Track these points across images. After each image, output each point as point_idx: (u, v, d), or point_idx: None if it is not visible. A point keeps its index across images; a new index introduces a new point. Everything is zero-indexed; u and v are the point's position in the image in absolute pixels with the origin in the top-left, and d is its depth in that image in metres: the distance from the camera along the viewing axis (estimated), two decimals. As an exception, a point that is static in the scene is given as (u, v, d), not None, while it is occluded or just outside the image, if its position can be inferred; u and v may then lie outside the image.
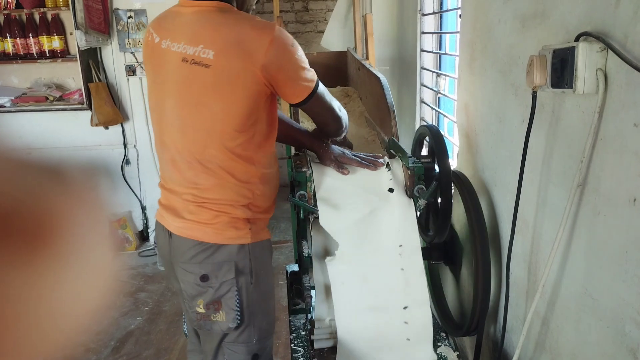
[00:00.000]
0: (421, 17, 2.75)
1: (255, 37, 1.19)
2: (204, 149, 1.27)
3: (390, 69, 3.27)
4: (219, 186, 1.29)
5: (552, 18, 1.21)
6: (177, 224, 1.34)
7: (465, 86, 1.91)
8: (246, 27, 1.21)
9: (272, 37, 1.19)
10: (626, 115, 0.96)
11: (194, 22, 1.26)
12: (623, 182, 0.97)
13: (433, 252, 1.84)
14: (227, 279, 1.31)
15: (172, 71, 1.27)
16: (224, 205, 1.30)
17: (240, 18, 1.25)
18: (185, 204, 1.32)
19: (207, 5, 1.26)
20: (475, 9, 1.76)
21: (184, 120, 1.29)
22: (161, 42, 1.30)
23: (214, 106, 1.24)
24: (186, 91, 1.26)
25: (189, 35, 1.24)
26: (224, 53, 1.20)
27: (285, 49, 1.22)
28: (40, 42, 3.52)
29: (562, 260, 1.23)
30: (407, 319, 1.45)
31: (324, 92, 1.36)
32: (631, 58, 0.92)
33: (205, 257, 1.31)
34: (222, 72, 1.20)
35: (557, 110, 1.22)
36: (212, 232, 1.30)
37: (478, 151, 1.79)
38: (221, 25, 1.23)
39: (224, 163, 1.27)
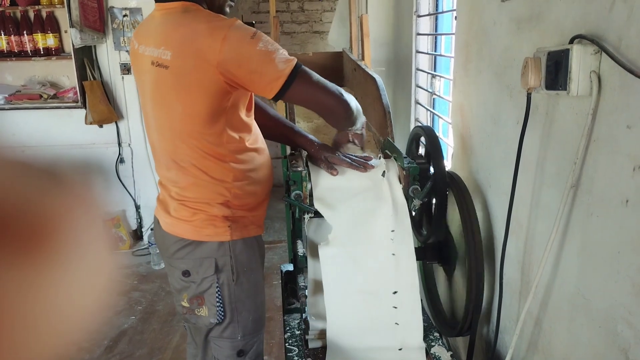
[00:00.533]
0: (417, 19, 2.76)
1: (209, 34, 1.17)
2: (176, 148, 1.30)
3: (386, 69, 3.28)
4: (194, 185, 1.32)
5: (547, 21, 1.22)
6: (166, 220, 1.39)
7: (460, 87, 1.92)
8: (202, 26, 1.19)
9: (225, 34, 1.16)
10: (619, 117, 0.97)
11: (161, 24, 1.28)
12: (616, 184, 0.98)
13: (427, 252, 1.85)
14: (208, 275, 1.35)
15: (146, 74, 1.30)
16: (201, 204, 1.33)
17: (199, 16, 1.23)
18: (171, 200, 1.37)
19: (173, 7, 1.27)
20: (471, 10, 1.77)
21: (158, 121, 1.32)
22: (139, 47, 1.33)
23: (177, 106, 1.25)
24: (156, 93, 1.28)
25: (155, 38, 1.26)
26: (180, 53, 1.20)
27: (242, 43, 1.17)
28: (34, 39, 3.50)
29: (555, 261, 1.23)
30: (396, 304, 1.45)
31: (310, 77, 1.26)
32: (625, 61, 0.93)
33: (186, 253, 1.35)
34: (179, 72, 1.20)
35: (551, 112, 1.23)
36: (191, 230, 1.34)
37: (472, 152, 1.80)
38: (180, 25, 1.23)
39: (196, 161, 1.29)
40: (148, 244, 3.66)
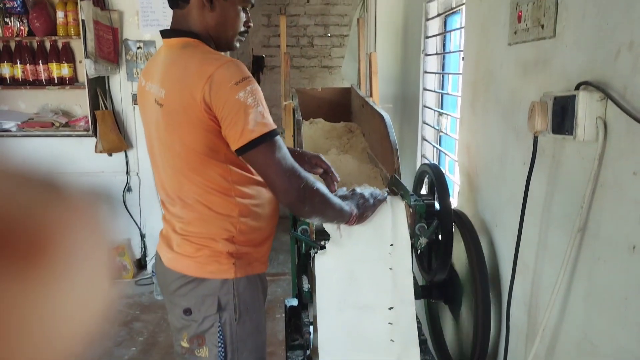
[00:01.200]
0: (424, 57, 2.81)
1: (197, 72, 1.15)
2: (180, 185, 1.28)
3: (393, 106, 3.33)
4: (199, 220, 1.29)
5: (554, 66, 1.24)
6: (168, 255, 1.36)
7: (467, 126, 1.94)
8: (194, 63, 1.18)
9: (212, 72, 1.13)
10: (625, 163, 0.98)
11: (163, 61, 1.28)
12: (622, 229, 0.99)
13: (433, 290, 1.84)
14: (210, 313, 1.31)
15: (151, 112, 1.30)
16: (206, 239, 1.30)
17: (195, 53, 1.22)
18: (175, 235, 1.34)
19: (174, 43, 1.28)
20: (478, 52, 1.80)
21: (162, 160, 1.31)
22: (145, 84, 1.33)
23: (175, 144, 1.24)
24: (158, 131, 1.28)
25: (157, 76, 1.27)
26: (172, 91, 1.20)
27: (224, 86, 1.13)
28: (49, 69, 3.58)
29: (562, 304, 1.23)
30: (392, 320, 1.42)
31: (274, 151, 1.15)
32: (630, 108, 0.94)
33: (188, 290, 1.31)
34: (172, 111, 1.20)
35: (558, 155, 1.24)
36: (195, 266, 1.30)
37: (479, 191, 1.81)
38: (175, 62, 1.23)
39: (200, 197, 1.27)
40: (152, 273, 3.64)
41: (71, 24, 3.51)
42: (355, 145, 2.45)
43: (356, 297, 1.43)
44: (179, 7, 1.29)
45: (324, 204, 1.24)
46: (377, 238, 1.45)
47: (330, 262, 1.42)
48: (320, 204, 1.23)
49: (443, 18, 2.60)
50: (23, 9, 3.49)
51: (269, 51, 5.41)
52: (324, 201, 1.24)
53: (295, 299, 1.89)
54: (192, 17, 1.28)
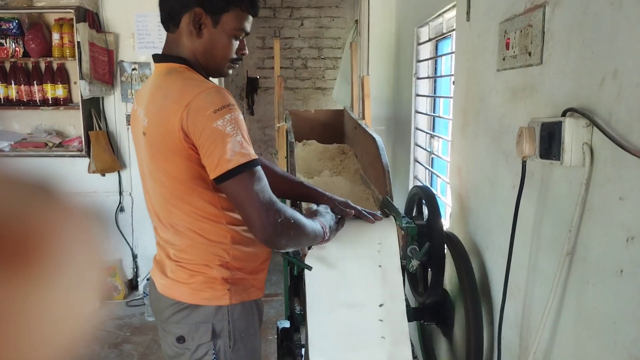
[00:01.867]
0: (416, 81, 2.86)
1: (177, 99, 1.13)
2: (169, 213, 1.26)
3: (386, 128, 3.36)
4: (191, 247, 1.27)
5: (541, 92, 1.27)
6: (162, 282, 1.33)
7: (458, 149, 1.97)
8: (175, 90, 1.16)
9: (190, 100, 1.11)
10: (612, 188, 1.00)
11: (149, 87, 1.27)
12: (610, 253, 1.00)
13: (425, 312, 1.84)
14: (204, 341, 1.27)
15: (138, 138, 1.29)
16: (199, 265, 1.27)
17: (178, 80, 1.19)
18: (169, 261, 1.31)
19: (162, 68, 1.27)
20: (468, 77, 1.84)
21: (151, 188, 1.30)
22: (137, 109, 1.32)
23: (159, 174, 1.23)
24: (145, 159, 1.27)
25: (144, 102, 1.26)
26: (153, 119, 1.19)
27: (202, 113, 1.10)
28: (44, 89, 3.60)
29: (553, 327, 1.23)
30: (382, 317, 1.41)
31: (252, 183, 1.11)
32: (615, 135, 0.97)
33: (182, 317, 1.28)
34: (153, 140, 1.19)
35: (546, 179, 1.26)
36: (189, 292, 1.27)
37: (470, 213, 1.83)
38: (158, 89, 1.21)
39: (191, 225, 1.25)
40: (143, 295, 3.62)
41: (67, 45, 3.54)
42: (347, 166, 2.47)
43: (346, 295, 1.42)
44: (170, 31, 1.29)
45: (298, 235, 1.21)
46: (365, 237, 1.47)
47: (319, 261, 1.42)
48: (296, 235, 1.20)
49: (434, 43, 2.65)
50: (19, 30, 3.53)
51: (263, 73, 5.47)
52: (298, 232, 1.20)
53: (287, 320, 1.88)
54: (181, 42, 1.27)
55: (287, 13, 5.44)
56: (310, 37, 5.47)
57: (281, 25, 5.44)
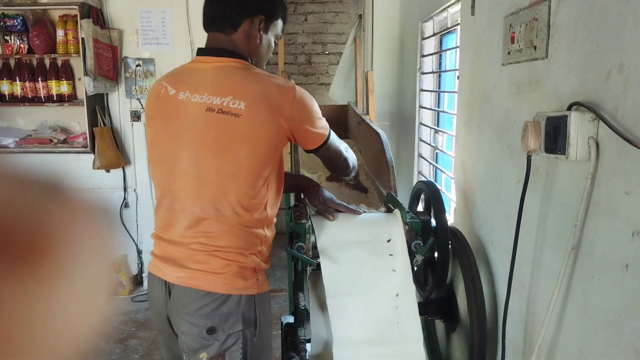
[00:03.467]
0: (420, 75, 2.85)
1: (281, 93, 1.32)
2: (224, 194, 1.31)
3: (390, 123, 3.35)
4: (230, 233, 1.31)
5: (546, 86, 1.27)
6: (179, 274, 1.32)
7: (463, 144, 1.96)
8: (272, 84, 1.33)
9: (295, 94, 1.33)
10: (618, 183, 0.99)
11: (217, 75, 1.34)
12: (616, 248, 1.00)
13: (429, 307, 1.84)
14: (234, 331, 1.30)
15: (192, 120, 1.32)
16: (234, 254, 1.31)
17: (265, 75, 1.36)
18: (191, 253, 1.31)
19: (229, 62, 1.36)
20: (473, 72, 1.83)
21: (203, 167, 1.31)
22: (178, 94, 1.35)
23: (240, 152, 1.30)
24: (209, 138, 1.31)
25: (213, 87, 1.32)
26: (255, 105, 1.29)
27: (306, 103, 1.36)
28: (48, 86, 3.60)
29: (558, 322, 1.23)
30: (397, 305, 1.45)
31: (334, 138, 1.47)
32: (621, 129, 0.96)
33: (212, 308, 1.29)
34: (253, 122, 1.29)
35: (551, 174, 1.25)
36: (220, 282, 1.30)
37: (475, 209, 1.82)
38: (249, 80, 1.33)
39: (239, 209, 1.31)
40: (148, 290, 3.63)
41: (71, 42, 3.54)
42: (352, 162, 2.46)
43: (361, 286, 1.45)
44: (225, 32, 1.38)
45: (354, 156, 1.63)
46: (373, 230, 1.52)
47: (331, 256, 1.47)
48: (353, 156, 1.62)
49: (438, 37, 2.64)
50: (23, 27, 3.53)
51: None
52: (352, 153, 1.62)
53: (291, 316, 1.89)
54: (239, 43, 1.39)
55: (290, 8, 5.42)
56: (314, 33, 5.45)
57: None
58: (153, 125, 1.42)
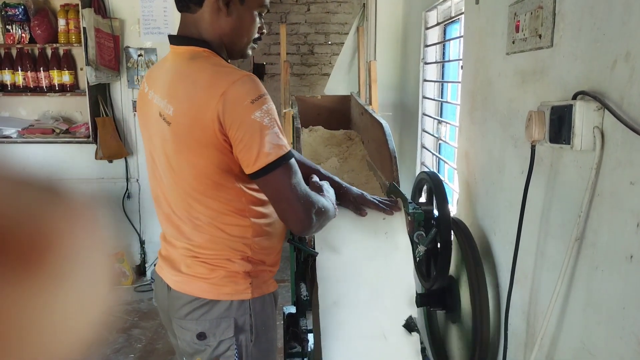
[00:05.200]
0: (424, 66, 2.83)
1: (209, 87, 1.08)
2: (190, 207, 1.19)
3: (393, 113, 3.34)
4: (210, 242, 1.21)
5: (551, 76, 1.25)
6: (175, 278, 1.27)
7: (466, 135, 1.95)
8: (205, 77, 1.10)
9: (225, 89, 1.06)
10: (622, 173, 0.98)
11: (168, 71, 1.19)
12: (620, 239, 0.99)
13: (432, 298, 1.84)
14: (226, 337, 1.23)
15: (153, 124, 1.21)
16: (221, 260, 1.22)
17: (205, 66, 1.14)
18: (182, 257, 1.26)
19: (182, 51, 1.19)
20: (476, 61, 1.81)
21: (168, 180, 1.22)
22: (149, 92, 1.24)
23: (184, 166, 1.16)
24: (165, 149, 1.18)
25: (162, 87, 1.18)
26: (181, 108, 1.11)
27: (239, 104, 1.06)
28: (50, 76, 3.59)
29: (561, 313, 1.23)
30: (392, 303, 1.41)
31: (290, 176, 1.10)
32: (627, 118, 0.95)
33: (202, 313, 1.23)
34: (180, 131, 1.12)
35: (556, 164, 1.24)
36: (209, 287, 1.22)
37: (477, 199, 1.81)
38: (183, 76, 1.14)
39: (214, 219, 1.19)
40: (151, 280, 3.64)
41: (72, 31, 3.53)
42: (354, 152, 2.45)
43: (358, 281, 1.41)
44: (190, 11, 1.19)
45: (325, 220, 1.22)
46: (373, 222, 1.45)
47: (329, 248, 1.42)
48: (324, 221, 1.21)
49: (442, 27, 2.62)
50: (25, 16, 3.51)
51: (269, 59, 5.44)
52: (325, 218, 1.21)
53: (293, 306, 1.89)
54: (204, 22, 1.19)
55: (293, -2, 5.39)
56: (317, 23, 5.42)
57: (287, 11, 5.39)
58: (139, 123, 1.35)
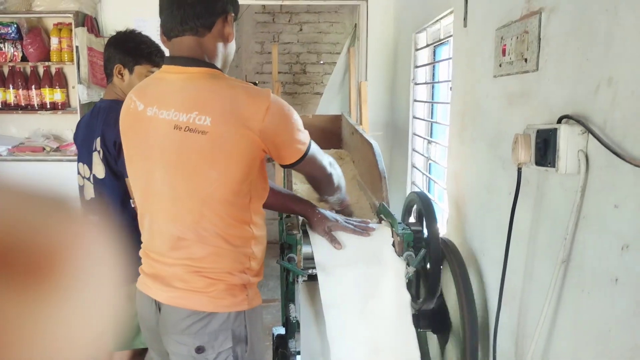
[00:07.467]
0: (414, 86, 2.86)
1: (252, 103, 1.20)
2: (201, 217, 1.23)
3: (384, 133, 3.36)
4: (214, 255, 1.25)
5: (537, 99, 1.27)
6: (169, 294, 1.27)
7: (456, 155, 1.97)
8: (242, 94, 1.21)
9: (268, 104, 1.20)
10: (607, 196, 0.99)
11: (184, 88, 1.24)
12: (605, 262, 1.00)
13: (421, 319, 1.83)
14: (224, 348, 1.26)
15: (161, 139, 1.23)
16: (221, 274, 1.26)
17: (234, 85, 1.25)
18: (176, 273, 1.27)
19: (197, 72, 1.25)
20: (465, 83, 1.84)
21: (177, 190, 1.24)
22: (146, 109, 1.26)
23: (211, 173, 1.21)
24: (179, 159, 1.22)
25: (179, 102, 1.22)
26: (221, 119, 1.19)
27: (282, 114, 1.24)
28: (42, 93, 3.59)
29: (548, 335, 1.23)
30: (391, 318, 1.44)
31: (316, 152, 1.35)
32: (610, 142, 0.96)
33: (200, 327, 1.25)
34: (220, 139, 1.19)
35: (542, 186, 1.25)
36: (207, 301, 1.25)
37: (467, 220, 1.82)
38: (215, 92, 1.23)
39: (221, 230, 1.24)
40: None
41: (65, 50, 3.53)
42: (345, 172, 2.45)
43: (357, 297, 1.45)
44: (197, 35, 1.25)
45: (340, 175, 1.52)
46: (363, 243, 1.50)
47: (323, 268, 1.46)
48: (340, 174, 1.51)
49: (432, 48, 2.65)
50: (17, 35, 3.52)
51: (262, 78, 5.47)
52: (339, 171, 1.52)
53: (283, 327, 1.87)
54: (211, 46, 1.27)
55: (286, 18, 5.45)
56: (309, 42, 5.47)
57: (280, 31, 5.44)
58: (126, 142, 1.36)
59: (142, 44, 1.93)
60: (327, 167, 1.42)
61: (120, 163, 1.82)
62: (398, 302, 1.46)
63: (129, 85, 1.87)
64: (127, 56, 1.91)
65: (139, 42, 1.94)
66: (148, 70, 1.90)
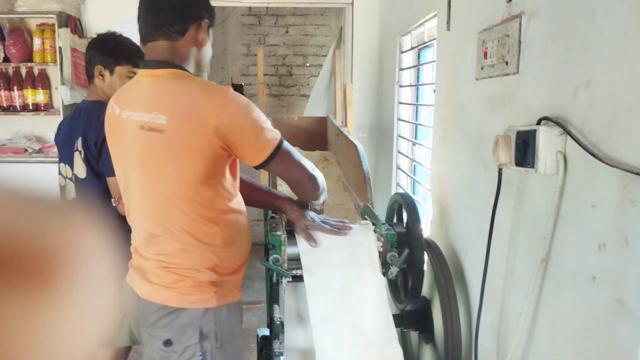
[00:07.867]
0: (398, 88, 2.88)
1: (207, 100, 1.22)
2: (166, 213, 1.28)
3: (369, 135, 3.38)
4: (182, 251, 1.29)
5: (517, 101, 1.29)
6: (144, 287, 1.34)
7: (439, 157, 1.99)
8: (197, 91, 1.24)
9: (223, 100, 1.21)
10: (585, 196, 1.02)
11: (150, 90, 1.30)
12: (583, 260, 1.02)
13: (405, 319, 1.84)
14: (191, 343, 1.30)
15: (132, 140, 1.29)
16: (188, 270, 1.30)
17: (193, 83, 1.28)
18: (153, 268, 1.33)
19: (163, 73, 1.29)
20: (449, 86, 1.86)
21: (145, 188, 1.30)
22: (121, 113, 1.33)
23: (170, 170, 1.25)
24: (145, 158, 1.28)
25: (145, 103, 1.27)
26: (176, 117, 1.22)
27: (239, 110, 1.24)
28: (24, 95, 3.55)
29: (529, 333, 1.25)
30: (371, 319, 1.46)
31: (290, 152, 1.34)
32: (587, 144, 0.98)
33: (168, 321, 1.30)
34: (176, 137, 1.22)
35: (522, 187, 1.27)
36: (175, 296, 1.30)
37: (450, 220, 1.84)
38: (174, 91, 1.26)
39: (187, 225, 1.28)
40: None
41: (48, 51, 3.49)
42: (330, 173, 2.47)
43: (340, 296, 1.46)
44: (170, 39, 1.31)
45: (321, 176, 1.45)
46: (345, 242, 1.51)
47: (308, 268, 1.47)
48: (320, 176, 1.44)
49: (416, 51, 2.67)
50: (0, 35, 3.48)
51: (247, 79, 5.46)
52: (319, 173, 1.45)
53: (267, 328, 1.87)
54: (183, 51, 1.32)
55: (272, 20, 5.45)
56: (295, 45, 5.48)
57: (266, 33, 5.44)
58: (110, 145, 1.44)
59: (122, 45, 1.96)
60: (309, 169, 1.39)
61: (101, 163, 1.85)
62: (376, 285, 1.47)
63: (110, 86, 1.91)
64: (108, 57, 1.93)
65: (119, 43, 1.96)
66: (129, 71, 1.93)
